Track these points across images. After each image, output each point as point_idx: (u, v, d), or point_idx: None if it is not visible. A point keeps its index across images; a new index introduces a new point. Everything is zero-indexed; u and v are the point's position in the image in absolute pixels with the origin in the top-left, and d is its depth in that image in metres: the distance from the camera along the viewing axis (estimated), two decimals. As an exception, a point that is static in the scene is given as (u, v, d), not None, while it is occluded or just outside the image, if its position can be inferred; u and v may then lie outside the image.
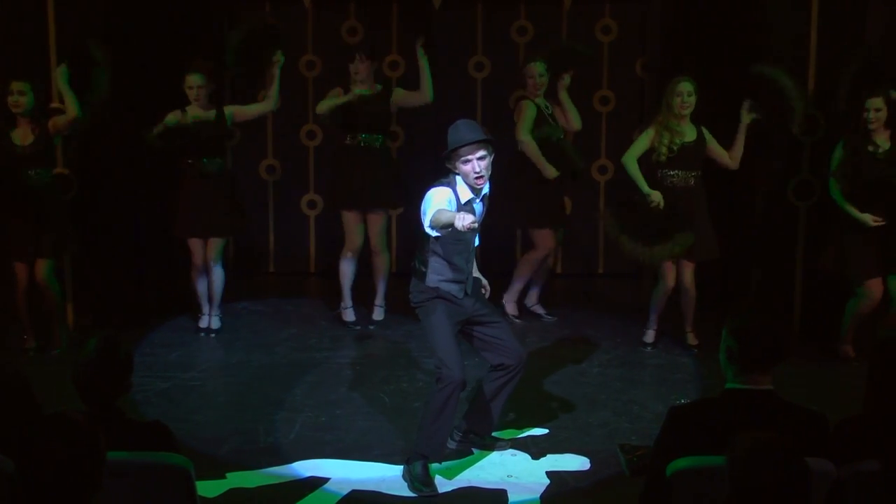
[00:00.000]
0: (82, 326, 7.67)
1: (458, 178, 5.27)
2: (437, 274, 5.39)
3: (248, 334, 7.87)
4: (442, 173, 5.33)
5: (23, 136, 7.10)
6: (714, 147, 7.28)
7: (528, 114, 7.73)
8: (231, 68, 7.72)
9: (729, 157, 7.30)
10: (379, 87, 7.83)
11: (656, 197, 7.11)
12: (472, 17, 9.30)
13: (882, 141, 6.96)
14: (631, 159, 7.24)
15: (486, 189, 5.41)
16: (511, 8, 9.28)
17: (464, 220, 4.83)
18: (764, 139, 7.65)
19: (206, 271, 7.70)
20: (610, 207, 7.43)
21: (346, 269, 7.96)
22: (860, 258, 7.00)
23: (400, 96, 7.95)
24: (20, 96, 7.04)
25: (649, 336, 7.56)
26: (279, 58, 7.66)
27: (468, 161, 5.19)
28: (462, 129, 5.25)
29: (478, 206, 5.36)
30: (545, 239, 8.01)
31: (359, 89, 7.70)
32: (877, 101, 6.89)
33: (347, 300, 8.03)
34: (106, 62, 7.29)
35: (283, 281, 9.44)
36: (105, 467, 2.99)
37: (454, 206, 5.20)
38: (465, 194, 5.28)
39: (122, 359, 3.77)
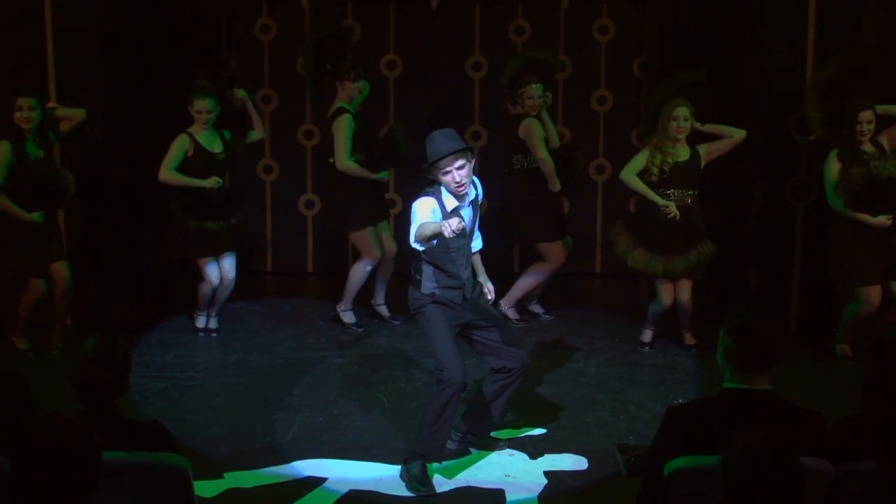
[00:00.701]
0: (80, 326, 7.66)
1: (443, 187, 5.28)
2: (431, 281, 5.39)
3: (245, 334, 7.87)
4: (428, 181, 5.34)
5: (34, 150, 7.12)
6: (713, 148, 7.26)
7: (539, 132, 7.79)
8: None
9: (728, 137, 7.26)
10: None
11: (672, 207, 7.12)
12: (469, 17, 9.30)
13: (869, 149, 6.99)
14: (631, 174, 7.23)
15: (473, 194, 5.40)
16: (509, 8, 9.28)
17: (451, 226, 4.83)
18: (761, 140, 7.67)
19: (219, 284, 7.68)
20: (621, 223, 7.43)
21: (360, 275, 7.94)
22: (860, 264, 7.00)
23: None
24: (30, 112, 7.05)
25: (647, 336, 7.56)
26: (239, 93, 7.72)
27: (448, 172, 5.20)
28: (439, 140, 5.23)
29: (466, 212, 5.35)
30: (557, 252, 8.03)
31: (347, 104, 7.73)
32: (869, 114, 6.92)
33: (349, 303, 8.03)
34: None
35: (281, 280, 9.44)
36: (101, 467, 2.98)
37: (439, 215, 5.21)
38: (451, 202, 5.28)
39: (119, 359, 3.77)
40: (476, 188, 5.48)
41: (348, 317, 8.01)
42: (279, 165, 9.50)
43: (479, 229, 5.68)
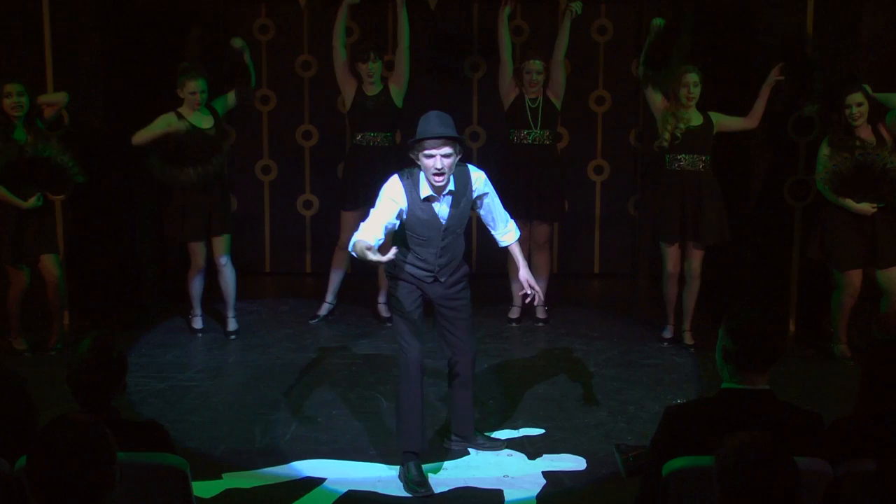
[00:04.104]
0: (78, 327, 7.66)
1: (422, 174, 5.14)
2: (401, 255, 5.26)
3: (244, 335, 7.85)
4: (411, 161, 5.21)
5: (22, 135, 7.07)
6: (725, 122, 7.30)
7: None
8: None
9: (746, 118, 7.30)
10: (381, 86, 7.86)
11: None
12: (467, 17, 9.30)
13: (868, 137, 6.97)
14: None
15: (451, 186, 5.19)
16: (507, 8, 9.27)
17: (370, 255, 4.76)
18: (758, 139, 7.67)
19: (206, 273, 7.66)
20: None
21: (341, 265, 8.02)
22: (842, 247, 7.03)
23: (395, 83, 7.93)
24: (20, 98, 7.00)
25: (668, 332, 7.60)
26: (236, 43, 7.63)
27: (431, 156, 5.04)
28: (433, 121, 5.10)
29: (441, 205, 5.19)
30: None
31: (371, 91, 7.80)
32: (857, 96, 6.91)
33: (331, 296, 8.12)
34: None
35: (279, 281, 9.44)
36: (117, 466, 2.95)
37: (405, 201, 5.11)
38: (426, 190, 5.15)
39: (115, 359, 3.74)
40: (470, 184, 5.30)
41: (324, 309, 8.13)
42: (277, 166, 9.49)
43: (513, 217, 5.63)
